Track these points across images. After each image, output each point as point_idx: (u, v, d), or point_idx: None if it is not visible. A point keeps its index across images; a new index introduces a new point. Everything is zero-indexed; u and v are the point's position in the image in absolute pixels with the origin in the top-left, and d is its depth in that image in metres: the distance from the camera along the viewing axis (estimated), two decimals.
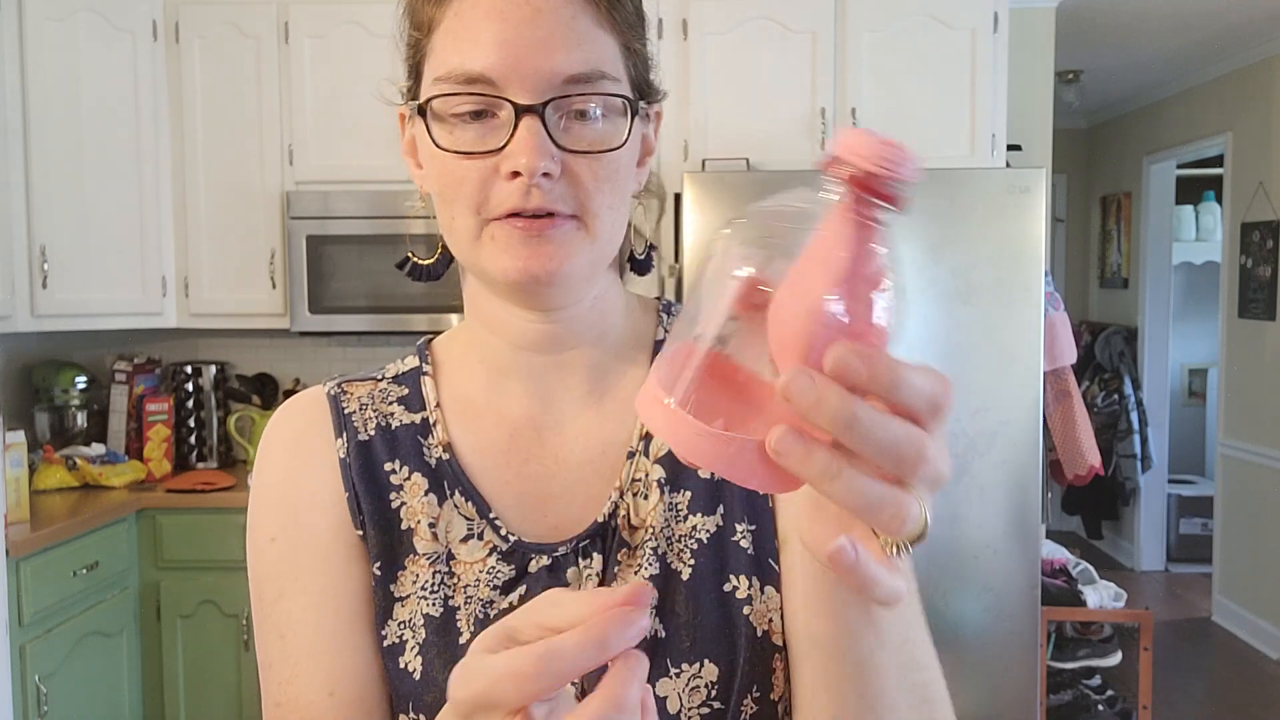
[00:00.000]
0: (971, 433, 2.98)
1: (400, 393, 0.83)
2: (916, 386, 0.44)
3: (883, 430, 0.44)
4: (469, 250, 0.72)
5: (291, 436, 0.81)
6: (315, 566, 0.77)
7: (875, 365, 0.43)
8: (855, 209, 0.44)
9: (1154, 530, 6.09)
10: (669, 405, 0.46)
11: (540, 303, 0.75)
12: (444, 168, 0.71)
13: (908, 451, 0.44)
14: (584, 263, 0.71)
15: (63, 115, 3.26)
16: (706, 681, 0.72)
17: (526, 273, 0.70)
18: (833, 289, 0.43)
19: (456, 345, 0.84)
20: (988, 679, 3.04)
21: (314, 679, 0.75)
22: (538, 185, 0.68)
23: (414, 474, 0.79)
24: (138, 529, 3.20)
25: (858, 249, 0.44)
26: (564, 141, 0.69)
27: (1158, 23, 4.45)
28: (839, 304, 0.43)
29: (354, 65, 3.41)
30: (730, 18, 3.37)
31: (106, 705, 3.06)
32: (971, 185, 2.99)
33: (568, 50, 0.68)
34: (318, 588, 0.77)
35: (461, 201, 0.71)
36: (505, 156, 0.68)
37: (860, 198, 0.43)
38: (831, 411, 0.43)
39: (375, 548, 0.77)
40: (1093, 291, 6.75)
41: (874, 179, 0.43)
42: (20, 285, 3.16)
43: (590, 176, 0.70)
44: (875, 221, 0.44)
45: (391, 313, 3.44)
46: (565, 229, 0.70)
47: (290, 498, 0.79)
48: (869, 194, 0.43)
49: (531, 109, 0.67)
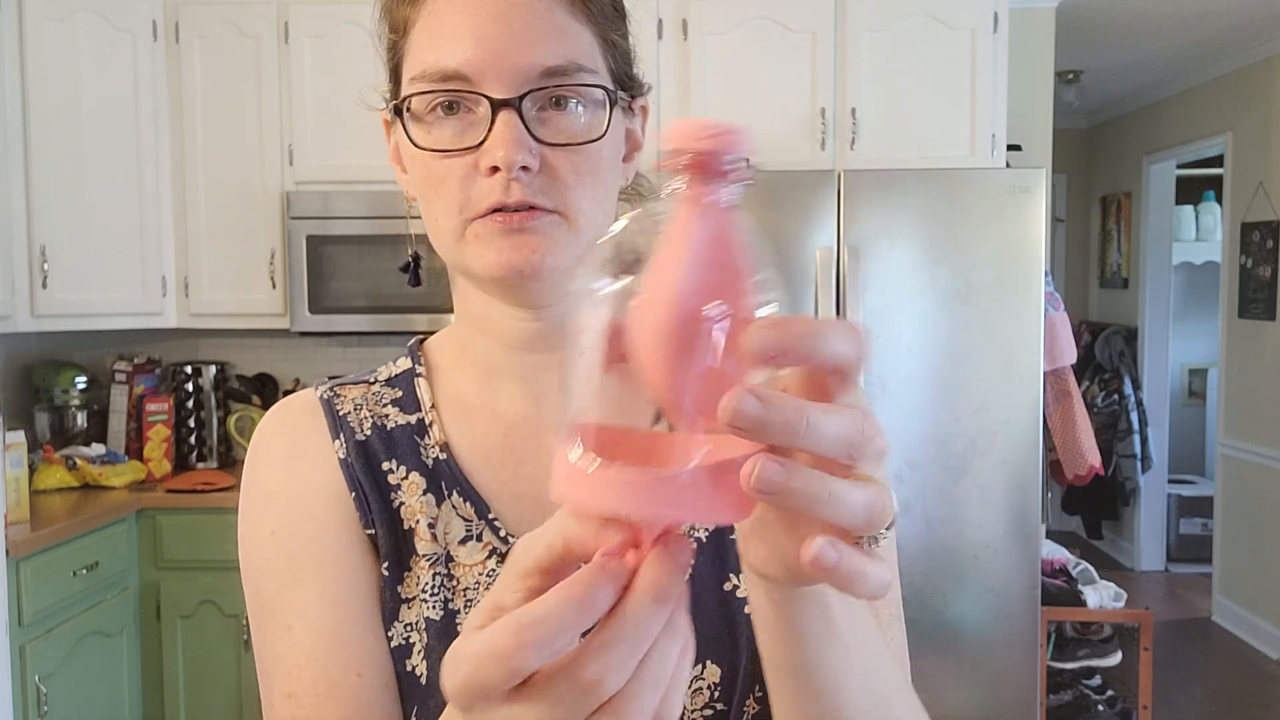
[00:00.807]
0: (971, 433, 2.98)
1: (394, 395, 0.82)
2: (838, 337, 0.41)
3: (833, 421, 0.41)
4: (453, 249, 0.72)
5: (287, 434, 0.80)
6: (321, 559, 0.75)
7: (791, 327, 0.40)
8: (699, 192, 0.41)
9: (1154, 530, 6.09)
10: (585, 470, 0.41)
11: (526, 298, 0.74)
12: (425, 168, 0.71)
13: (858, 432, 0.41)
14: (567, 256, 0.70)
15: (63, 115, 3.26)
16: (709, 683, 0.71)
17: (509, 266, 0.69)
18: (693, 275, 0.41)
19: (448, 346, 0.84)
20: (988, 679, 3.04)
21: (336, 661, 0.72)
22: (517, 179, 0.67)
23: (412, 473, 0.78)
24: (138, 529, 3.20)
25: (711, 230, 0.41)
26: (542, 134, 0.68)
27: (1158, 23, 4.45)
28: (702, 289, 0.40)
29: (354, 65, 3.40)
30: (730, 18, 3.37)
31: (106, 705, 3.06)
32: (971, 185, 2.98)
33: (543, 43, 0.68)
34: (329, 578, 0.74)
35: (443, 201, 0.70)
36: (483, 152, 0.68)
37: (701, 179, 0.41)
38: (781, 419, 0.39)
39: (384, 547, 0.76)
40: (1093, 291, 6.75)
41: (709, 156, 0.41)
42: (20, 285, 3.15)
43: (570, 169, 0.69)
44: (721, 201, 0.42)
45: (391, 313, 3.44)
46: (546, 221, 0.69)
47: (289, 493, 0.77)
48: (708, 174, 0.41)
49: (508, 103, 0.67)
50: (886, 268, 2.99)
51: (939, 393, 3.00)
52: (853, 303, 2.96)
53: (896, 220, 2.99)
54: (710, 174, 0.41)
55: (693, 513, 0.40)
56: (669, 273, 0.41)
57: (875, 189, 2.99)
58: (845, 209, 2.99)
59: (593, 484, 0.40)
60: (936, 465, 3.00)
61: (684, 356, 0.40)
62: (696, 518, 0.41)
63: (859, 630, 0.57)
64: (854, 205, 2.98)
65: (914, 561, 2.99)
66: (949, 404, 2.99)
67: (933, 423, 3.00)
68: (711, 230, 0.41)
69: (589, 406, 0.43)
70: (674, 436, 0.42)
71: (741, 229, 0.42)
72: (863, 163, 3.30)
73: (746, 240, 0.42)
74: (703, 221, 0.41)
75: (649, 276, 0.41)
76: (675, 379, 0.41)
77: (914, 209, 2.99)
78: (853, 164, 3.30)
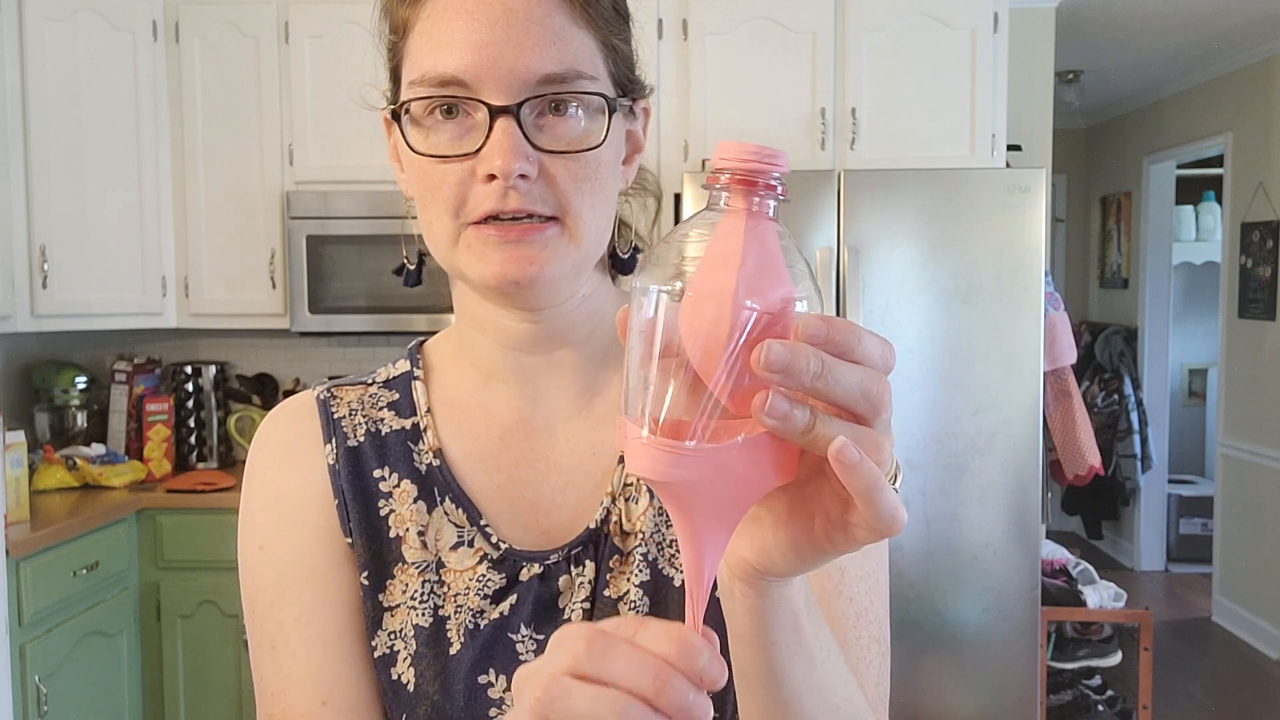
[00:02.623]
0: (971, 433, 2.98)
1: (391, 398, 0.81)
2: (872, 343, 0.47)
3: (851, 373, 0.45)
4: (448, 254, 0.71)
5: (281, 443, 0.80)
6: (304, 576, 0.76)
7: (835, 326, 0.45)
8: (744, 204, 0.47)
9: (1154, 530, 6.09)
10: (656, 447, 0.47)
11: (522, 304, 0.74)
12: (422, 172, 0.70)
13: (874, 389, 0.46)
14: (566, 265, 0.70)
15: (63, 115, 3.26)
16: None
17: (504, 278, 0.69)
18: (740, 278, 0.46)
19: (447, 347, 0.83)
20: (988, 679, 3.04)
21: (307, 689, 0.74)
22: (515, 187, 0.67)
23: (403, 481, 0.78)
24: (138, 529, 3.20)
25: (756, 238, 0.47)
26: (540, 142, 0.68)
27: (1158, 23, 4.45)
28: (749, 291, 0.46)
29: (354, 65, 3.40)
30: (730, 18, 3.37)
31: (106, 705, 3.06)
32: (971, 185, 2.98)
33: (541, 49, 0.67)
34: (308, 598, 0.75)
35: (439, 205, 0.70)
36: (481, 159, 0.67)
37: (746, 193, 0.47)
38: (805, 365, 0.44)
39: (363, 556, 0.76)
40: (1093, 291, 6.75)
41: (754, 172, 0.47)
42: (20, 285, 3.16)
43: (569, 177, 0.69)
44: (765, 212, 0.47)
45: (391, 313, 3.44)
46: (546, 234, 0.69)
47: (279, 506, 0.78)
48: (752, 187, 0.47)
49: (506, 110, 0.67)
50: (886, 268, 2.99)
51: (939, 393, 3.00)
52: (853, 303, 2.96)
53: (896, 220, 2.99)
54: (754, 189, 0.47)
55: (745, 476, 0.47)
56: (719, 273, 0.46)
57: (875, 189, 2.99)
58: (845, 209, 2.99)
59: (662, 457, 0.46)
60: (936, 465, 3.00)
61: (732, 347, 0.45)
62: (750, 482, 0.47)
63: (825, 647, 0.59)
64: (854, 205, 2.98)
65: (914, 561, 2.99)
66: (949, 404, 2.99)
67: (933, 422, 3.00)
68: (756, 237, 0.47)
69: (649, 393, 0.48)
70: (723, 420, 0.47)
71: (780, 237, 0.48)
72: (863, 163, 3.30)
73: (785, 246, 0.48)
74: (748, 229, 0.47)
75: (699, 276, 0.46)
76: (724, 367, 0.45)
77: (914, 209, 2.99)
78: (853, 164, 3.30)
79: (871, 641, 0.73)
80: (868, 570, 0.75)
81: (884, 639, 0.75)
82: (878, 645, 0.74)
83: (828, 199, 2.99)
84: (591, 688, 0.47)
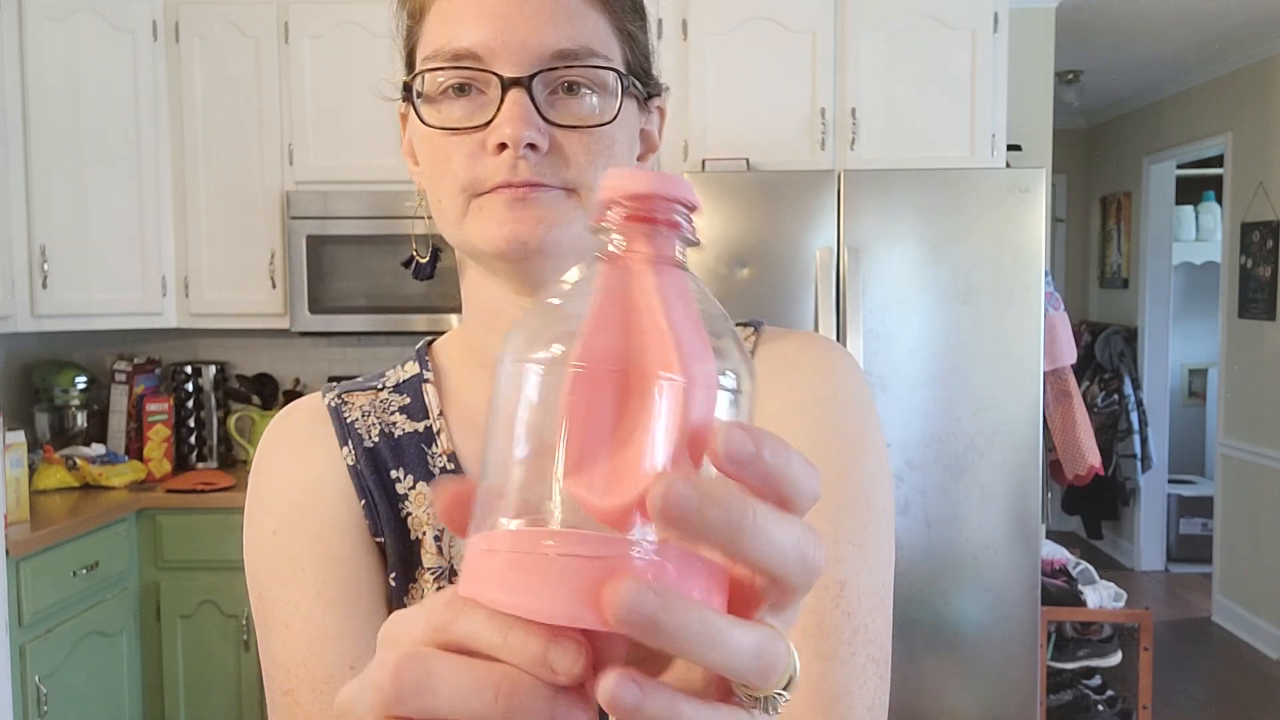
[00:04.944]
0: (971, 433, 2.98)
1: (402, 402, 0.80)
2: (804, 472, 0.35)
3: (786, 530, 0.34)
4: (457, 227, 0.71)
5: (292, 440, 0.79)
6: (324, 558, 0.74)
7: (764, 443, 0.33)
8: (646, 248, 0.36)
9: (1154, 530, 6.09)
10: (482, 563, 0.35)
11: (533, 277, 0.72)
12: (433, 147, 0.70)
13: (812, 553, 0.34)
14: (575, 230, 0.69)
15: (63, 115, 3.26)
16: None
17: (514, 239, 0.68)
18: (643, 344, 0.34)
19: (456, 349, 0.82)
20: (988, 679, 3.04)
21: (329, 655, 0.71)
22: (524, 157, 0.67)
23: (419, 483, 0.77)
24: (138, 529, 3.20)
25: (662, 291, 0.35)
26: (552, 116, 0.68)
27: (1158, 23, 4.45)
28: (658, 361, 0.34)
29: (354, 65, 3.41)
30: (730, 18, 3.37)
31: (106, 705, 3.06)
32: (971, 185, 2.99)
33: (555, 25, 0.68)
34: (329, 578, 0.73)
35: (449, 179, 0.70)
36: (492, 129, 0.68)
37: (647, 234, 0.36)
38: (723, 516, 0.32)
39: (392, 556, 0.75)
40: (1093, 291, 6.75)
41: (654, 208, 0.36)
42: (20, 285, 3.16)
43: (581, 150, 0.69)
44: (671, 256, 0.36)
45: (391, 313, 3.44)
46: (554, 194, 0.69)
47: (294, 495, 0.76)
48: (654, 225, 0.36)
49: (518, 82, 0.67)
50: (886, 268, 2.99)
51: (939, 393, 3.00)
52: (853, 303, 2.96)
53: (896, 220, 2.99)
54: (657, 227, 0.36)
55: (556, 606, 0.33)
56: (614, 337, 0.35)
57: (875, 189, 2.99)
58: (845, 209, 2.99)
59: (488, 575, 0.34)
60: (936, 465, 3.00)
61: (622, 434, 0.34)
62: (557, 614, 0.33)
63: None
64: (854, 205, 2.99)
65: (914, 561, 2.99)
66: (949, 404, 2.99)
67: (933, 422, 3.00)
68: (662, 289, 0.35)
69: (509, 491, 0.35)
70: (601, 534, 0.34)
71: (691, 289, 0.36)
72: (863, 163, 3.30)
73: (697, 302, 0.36)
74: (645, 281, 0.36)
75: (584, 343, 0.35)
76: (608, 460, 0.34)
77: (914, 209, 2.99)
78: (853, 164, 3.30)
79: (869, 661, 0.70)
80: (873, 589, 0.71)
81: (884, 661, 0.71)
82: (875, 666, 0.70)
83: (827, 199, 2.99)
84: None
